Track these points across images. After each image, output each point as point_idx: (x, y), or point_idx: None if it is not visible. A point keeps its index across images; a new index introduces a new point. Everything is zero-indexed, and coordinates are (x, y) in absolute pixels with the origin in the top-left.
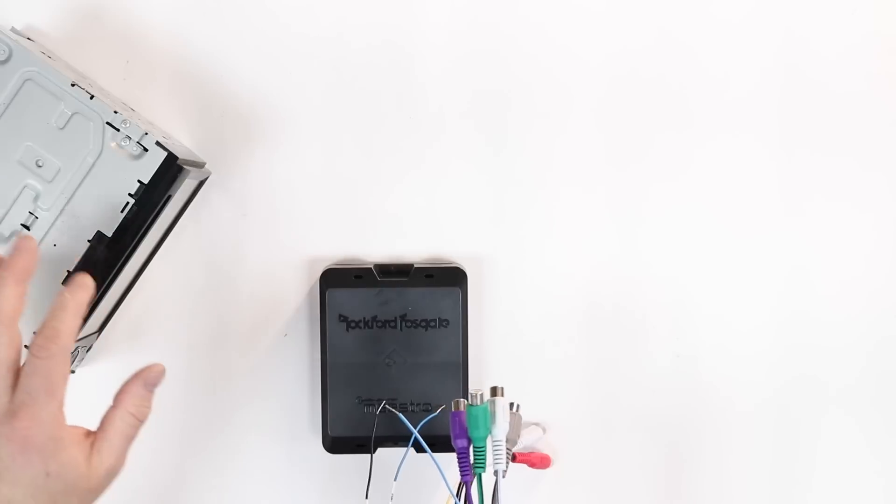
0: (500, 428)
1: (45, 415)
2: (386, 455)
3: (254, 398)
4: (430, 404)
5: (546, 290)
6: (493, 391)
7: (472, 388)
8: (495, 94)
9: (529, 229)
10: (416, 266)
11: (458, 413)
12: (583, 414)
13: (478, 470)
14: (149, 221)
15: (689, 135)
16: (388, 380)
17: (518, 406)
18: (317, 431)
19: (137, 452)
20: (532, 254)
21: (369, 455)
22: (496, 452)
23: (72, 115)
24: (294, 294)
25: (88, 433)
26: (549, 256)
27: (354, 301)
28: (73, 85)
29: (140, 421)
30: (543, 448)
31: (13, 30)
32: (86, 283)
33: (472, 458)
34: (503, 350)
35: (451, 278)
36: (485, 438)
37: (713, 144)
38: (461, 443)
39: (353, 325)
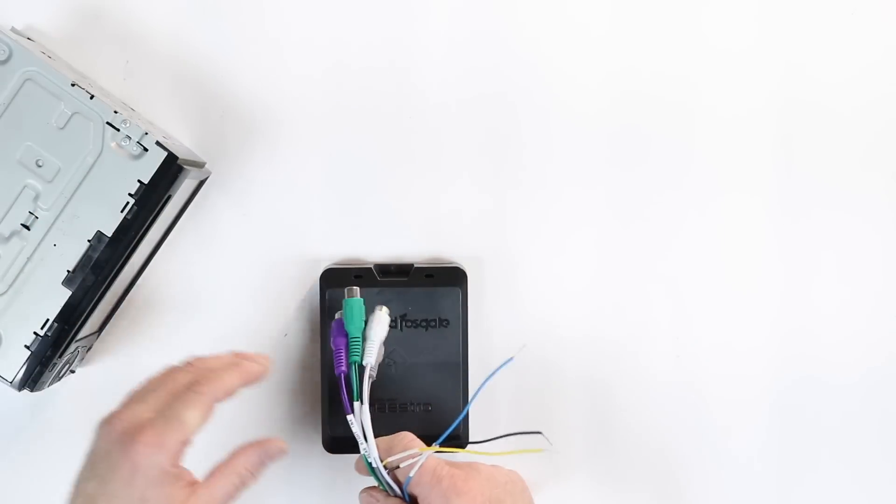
0: (376, 332)
1: (170, 443)
2: None
3: (254, 398)
4: (430, 404)
5: (546, 290)
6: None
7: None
8: (495, 93)
9: (529, 229)
10: (416, 266)
11: (339, 320)
12: (583, 413)
13: (353, 359)
14: (149, 221)
15: (689, 141)
16: (388, 380)
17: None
18: (317, 431)
19: None
20: (532, 254)
21: None
22: (368, 351)
23: (72, 115)
24: (294, 294)
25: (195, 481)
26: (549, 256)
27: None
28: (73, 85)
29: (245, 486)
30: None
31: (13, 30)
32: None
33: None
34: (503, 350)
35: (451, 278)
36: (360, 331)
37: (714, 150)
38: (339, 341)
39: None
